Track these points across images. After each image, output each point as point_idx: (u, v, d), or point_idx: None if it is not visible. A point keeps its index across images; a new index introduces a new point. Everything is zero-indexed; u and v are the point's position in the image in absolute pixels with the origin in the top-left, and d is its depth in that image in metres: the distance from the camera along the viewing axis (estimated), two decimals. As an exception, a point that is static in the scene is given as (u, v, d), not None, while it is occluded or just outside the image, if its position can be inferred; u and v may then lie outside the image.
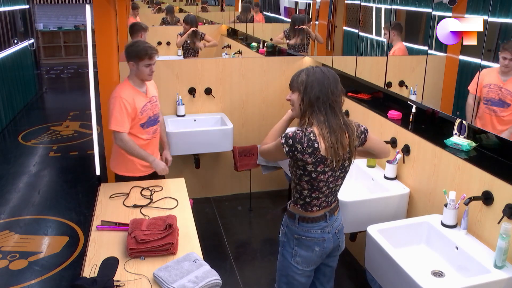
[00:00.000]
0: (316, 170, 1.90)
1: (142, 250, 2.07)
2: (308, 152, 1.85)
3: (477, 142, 2.36)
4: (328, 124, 1.87)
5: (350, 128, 1.93)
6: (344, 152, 1.90)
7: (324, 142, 1.85)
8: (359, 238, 2.84)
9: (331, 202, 2.06)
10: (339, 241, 2.13)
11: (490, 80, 2.43)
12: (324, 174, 1.92)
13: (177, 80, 3.94)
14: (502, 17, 2.19)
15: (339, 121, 1.90)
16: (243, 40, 6.13)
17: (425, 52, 2.68)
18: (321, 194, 1.99)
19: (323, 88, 1.90)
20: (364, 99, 3.35)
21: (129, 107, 2.73)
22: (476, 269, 2.02)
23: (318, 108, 1.89)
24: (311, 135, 1.85)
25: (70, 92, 9.57)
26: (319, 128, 1.87)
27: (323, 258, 2.12)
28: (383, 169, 2.88)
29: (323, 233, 2.04)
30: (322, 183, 1.95)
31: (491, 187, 2.09)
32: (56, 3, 12.12)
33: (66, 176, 5.01)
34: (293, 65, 4.20)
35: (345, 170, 2.01)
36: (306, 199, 2.00)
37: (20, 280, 3.23)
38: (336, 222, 2.10)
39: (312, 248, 2.04)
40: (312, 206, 2.01)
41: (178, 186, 2.82)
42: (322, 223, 2.03)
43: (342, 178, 2.04)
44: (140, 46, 2.75)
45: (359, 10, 3.43)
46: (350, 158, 1.97)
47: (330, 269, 2.25)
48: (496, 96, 2.39)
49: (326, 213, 2.04)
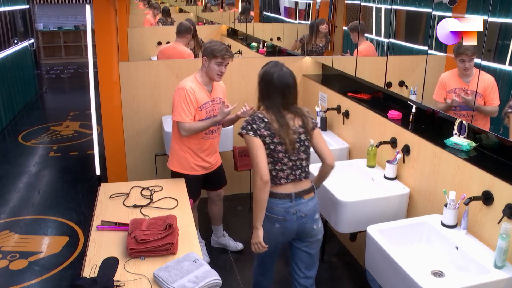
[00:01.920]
0: (273, 141, 2.17)
1: (142, 250, 2.07)
2: (262, 126, 2.17)
3: (477, 142, 2.36)
4: (277, 109, 2.19)
5: (300, 112, 2.24)
6: (294, 132, 2.19)
7: (273, 124, 2.17)
8: (359, 238, 2.84)
9: (300, 177, 2.24)
10: (305, 226, 2.24)
11: (454, 84, 2.44)
12: (281, 145, 2.18)
13: (177, 80, 3.94)
14: (502, 17, 2.19)
15: (289, 108, 2.22)
16: (243, 40, 6.13)
17: (425, 52, 2.68)
18: (285, 166, 2.20)
19: (276, 84, 2.21)
20: (364, 99, 3.35)
21: (193, 97, 2.84)
22: (476, 269, 2.02)
23: (270, 94, 2.22)
24: (260, 114, 2.20)
25: (70, 92, 9.58)
26: (268, 113, 2.20)
27: (286, 239, 2.28)
28: (383, 169, 2.88)
29: (286, 213, 2.20)
30: (282, 154, 2.19)
31: (491, 187, 2.09)
32: (56, 3, 12.12)
33: (66, 176, 5.01)
34: (293, 65, 4.19)
35: (304, 143, 2.23)
36: (272, 172, 2.20)
37: (20, 280, 3.23)
38: (305, 207, 2.23)
39: (273, 223, 2.22)
40: (279, 179, 2.21)
41: (178, 186, 2.82)
42: (287, 203, 2.20)
43: (304, 152, 2.24)
44: (218, 44, 2.87)
45: (359, 10, 3.43)
46: (306, 133, 2.23)
47: (307, 255, 2.34)
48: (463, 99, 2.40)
49: (292, 194, 2.20)
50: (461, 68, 2.42)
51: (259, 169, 2.14)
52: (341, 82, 3.82)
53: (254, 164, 2.17)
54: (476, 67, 2.35)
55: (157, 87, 3.90)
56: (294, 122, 2.21)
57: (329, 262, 3.38)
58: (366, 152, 2.99)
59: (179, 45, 4.48)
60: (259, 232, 2.19)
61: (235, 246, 3.47)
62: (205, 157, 3.06)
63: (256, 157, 2.15)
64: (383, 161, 2.89)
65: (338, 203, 2.59)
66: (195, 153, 3.02)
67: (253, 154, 2.17)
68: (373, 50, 3.36)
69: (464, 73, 2.41)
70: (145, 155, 4.01)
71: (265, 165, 2.15)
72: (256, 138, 2.16)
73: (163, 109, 3.96)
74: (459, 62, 2.42)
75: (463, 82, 2.43)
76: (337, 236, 3.65)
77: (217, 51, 2.83)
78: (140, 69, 3.82)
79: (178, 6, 11.18)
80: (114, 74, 3.62)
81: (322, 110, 3.69)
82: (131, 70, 3.78)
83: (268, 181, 2.15)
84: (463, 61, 2.39)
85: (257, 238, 2.20)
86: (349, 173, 3.05)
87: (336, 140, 3.51)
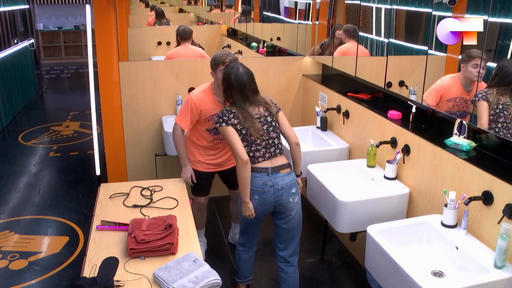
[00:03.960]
0: (244, 127, 2.48)
1: (142, 250, 2.07)
2: (231, 117, 2.48)
3: (477, 142, 2.36)
4: (239, 104, 2.50)
5: (262, 101, 2.56)
6: (259, 117, 2.50)
7: (239, 114, 2.48)
8: (359, 238, 2.84)
9: (275, 153, 2.54)
10: (282, 198, 2.51)
11: (454, 93, 2.39)
12: (252, 135, 2.48)
13: (177, 80, 3.94)
14: (502, 17, 2.19)
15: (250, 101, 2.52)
16: (243, 40, 6.13)
17: (425, 52, 2.68)
18: (259, 146, 2.50)
19: (233, 85, 2.51)
20: (364, 99, 3.35)
21: (195, 109, 2.91)
22: (476, 269, 2.02)
23: (231, 92, 2.52)
24: (228, 108, 2.52)
25: (70, 92, 9.57)
26: (233, 107, 2.51)
27: (265, 210, 2.54)
28: (383, 169, 2.88)
29: (264, 186, 2.49)
30: (253, 136, 2.48)
31: (491, 187, 2.09)
32: (56, 3, 12.12)
33: (66, 176, 5.01)
34: (293, 65, 4.20)
35: (272, 124, 2.55)
36: (250, 153, 2.49)
37: (20, 280, 3.23)
38: (282, 181, 2.51)
39: (253, 195, 2.50)
40: (257, 158, 2.51)
41: (178, 186, 2.82)
42: (264, 176, 2.49)
43: (274, 131, 2.55)
44: (218, 54, 2.91)
45: (359, 10, 3.43)
46: (272, 115, 2.55)
47: (285, 231, 2.62)
48: (462, 109, 2.38)
49: (269, 168, 2.49)
50: (473, 73, 2.31)
51: (237, 152, 2.44)
52: (341, 82, 3.82)
53: (232, 149, 2.48)
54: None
55: (157, 87, 3.90)
56: (259, 109, 2.54)
57: (329, 262, 3.38)
58: (366, 152, 2.99)
59: (190, 45, 4.58)
60: (250, 205, 2.51)
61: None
62: (213, 155, 3.11)
63: (233, 143, 2.46)
64: (383, 161, 2.89)
65: (338, 203, 2.59)
66: (204, 151, 3.09)
67: (229, 141, 2.48)
68: (354, 50, 3.41)
69: (475, 79, 2.30)
70: (145, 155, 4.01)
71: (242, 148, 2.45)
72: (229, 127, 2.47)
73: (163, 109, 3.96)
74: (472, 67, 2.30)
75: (464, 92, 2.36)
76: (337, 236, 3.65)
77: (218, 59, 2.87)
78: (140, 69, 3.82)
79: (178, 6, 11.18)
80: (114, 74, 3.62)
81: (322, 110, 3.69)
82: (131, 70, 3.78)
83: (248, 161, 2.44)
84: (477, 65, 2.28)
85: (249, 211, 2.52)
86: (349, 173, 3.05)
87: (336, 140, 3.51)
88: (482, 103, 2.21)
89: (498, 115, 2.20)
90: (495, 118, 2.21)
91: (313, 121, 3.92)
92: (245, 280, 2.94)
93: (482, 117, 2.23)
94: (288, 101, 4.23)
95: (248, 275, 2.93)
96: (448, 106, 2.45)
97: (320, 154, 3.33)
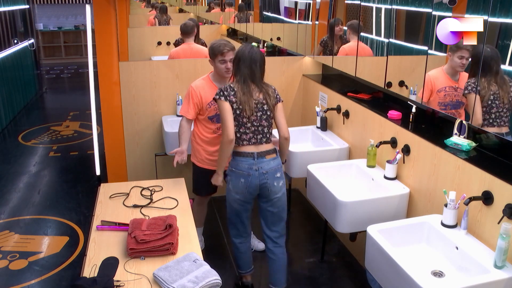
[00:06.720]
0: (239, 107, 2.56)
1: (142, 250, 2.07)
2: (232, 94, 2.56)
3: (477, 142, 2.36)
4: (244, 82, 2.57)
5: (265, 89, 2.62)
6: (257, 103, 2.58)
7: (238, 92, 2.55)
8: (359, 238, 2.84)
9: (261, 141, 2.62)
10: (267, 182, 2.60)
11: (443, 83, 2.43)
12: (245, 111, 2.56)
13: (177, 80, 3.94)
14: (502, 17, 2.19)
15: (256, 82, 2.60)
16: (243, 40, 6.13)
17: (425, 52, 2.68)
18: (248, 130, 2.59)
19: (245, 59, 2.57)
20: (364, 99, 3.35)
21: (195, 96, 2.96)
22: (476, 269, 2.02)
23: (242, 66, 2.58)
24: (231, 85, 2.60)
25: (70, 92, 9.57)
26: (237, 84, 2.58)
27: (251, 193, 2.64)
28: (383, 169, 2.88)
29: (249, 169, 2.59)
30: (245, 119, 2.57)
31: (491, 187, 2.09)
32: (56, 3, 12.13)
33: (66, 176, 5.01)
34: (293, 65, 4.20)
35: (266, 113, 2.62)
36: (237, 134, 2.58)
37: (20, 280, 3.23)
38: (267, 165, 2.60)
39: (239, 178, 2.61)
40: (242, 140, 2.60)
41: (178, 186, 2.82)
42: (250, 160, 2.59)
43: (266, 120, 2.62)
44: (216, 43, 2.94)
45: (359, 10, 3.43)
46: (269, 105, 2.61)
47: (270, 213, 2.73)
48: (454, 98, 2.40)
49: (255, 153, 2.59)
50: (457, 64, 2.43)
51: (226, 128, 2.53)
52: (341, 82, 3.82)
53: (223, 124, 2.56)
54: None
55: (157, 87, 3.90)
56: (259, 95, 2.61)
57: (329, 262, 3.38)
58: (366, 152, 2.99)
59: (193, 44, 4.53)
60: (219, 177, 2.74)
61: (257, 246, 3.49)
62: (216, 151, 3.07)
63: (225, 118, 2.54)
64: (383, 161, 2.89)
65: (338, 203, 2.59)
66: (207, 146, 3.08)
67: (222, 116, 2.56)
68: (354, 50, 3.39)
69: (460, 69, 2.42)
70: (145, 155, 4.01)
71: (232, 127, 2.53)
72: (226, 103, 2.55)
73: (163, 109, 3.96)
74: (457, 58, 2.43)
75: (452, 80, 2.43)
76: (337, 236, 3.65)
77: (216, 49, 2.89)
78: (140, 69, 3.82)
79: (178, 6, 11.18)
80: (114, 74, 3.62)
81: (322, 110, 3.69)
82: (131, 70, 3.78)
83: (233, 140, 2.54)
84: (462, 57, 2.41)
85: (218, 182, 2.75)
86: (349, 173, 3.05)
87: (336, 140, 3.51)
88: (473, 96, 2.24)
89: (490, 106, 2.25)
90: (488, 110, 2.26)
91: (313, 121, 3.92)
92: (249, 270, 2.98)
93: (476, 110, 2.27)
94: (288, 101, 4.23)
95: (251, 265, 2.98)
96: (440, 97, 2.49)
97: (320, 154, 3.33)
